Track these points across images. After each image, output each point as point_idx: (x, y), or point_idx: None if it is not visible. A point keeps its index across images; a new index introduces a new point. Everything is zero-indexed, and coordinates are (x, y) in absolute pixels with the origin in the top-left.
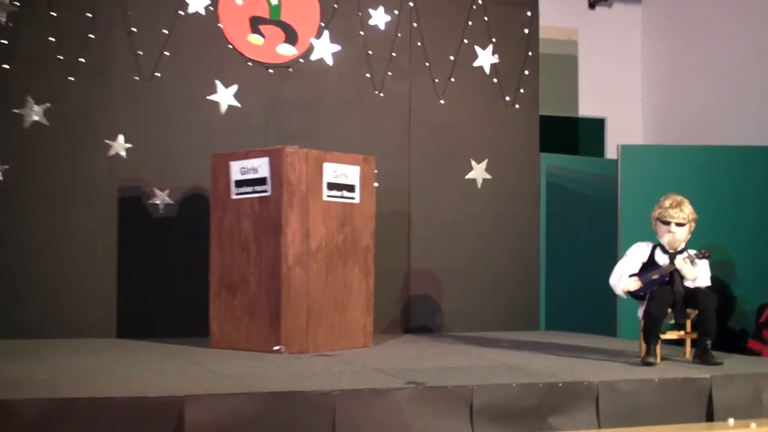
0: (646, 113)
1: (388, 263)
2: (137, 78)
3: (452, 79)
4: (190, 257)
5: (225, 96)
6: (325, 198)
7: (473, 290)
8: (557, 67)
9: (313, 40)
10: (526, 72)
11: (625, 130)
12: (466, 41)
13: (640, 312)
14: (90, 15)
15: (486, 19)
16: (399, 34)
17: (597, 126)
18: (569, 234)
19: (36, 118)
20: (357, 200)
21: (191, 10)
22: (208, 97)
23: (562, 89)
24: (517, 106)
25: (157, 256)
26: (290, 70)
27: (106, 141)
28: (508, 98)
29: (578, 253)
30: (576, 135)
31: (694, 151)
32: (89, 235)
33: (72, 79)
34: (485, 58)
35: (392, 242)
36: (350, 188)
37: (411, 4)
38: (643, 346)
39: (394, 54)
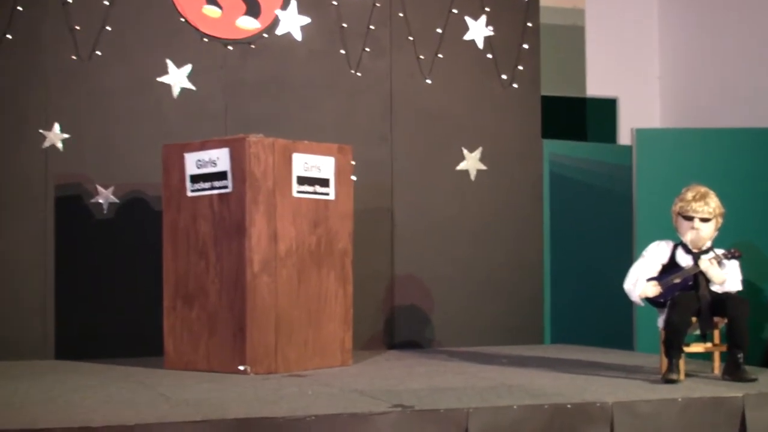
0: (664, 93)
1: (369, 269)
2: (74, 57)
3: (440, 56)
4: (140, 265)
5: (177, 77)
6: (294, 194)
7: (467, 299)
8: (561, 40)
9: (278, 12)
10: (525, 46)
11: (640, 112)
12: (455, 11)
13: (660, 321)
14: None
15: None
16: (378, 4)
17: (608, 107)
18: (577, 232)
19: None
20: (332, 196)
21: None
22: (157, 79)
23: (567, 66)
24: (515, 85)
25: (101, 264)
26: (252, 46)
27: (40, 131)
28: (504, 77)
29: (588, 254)
30: (583, 118)
31: (720, 134)
32: (20, 240)
33: None
34: (477, 30)
35: (373, 244)
36: (324, 183)
37: None
38: (665, 360)
39: (372, 27)
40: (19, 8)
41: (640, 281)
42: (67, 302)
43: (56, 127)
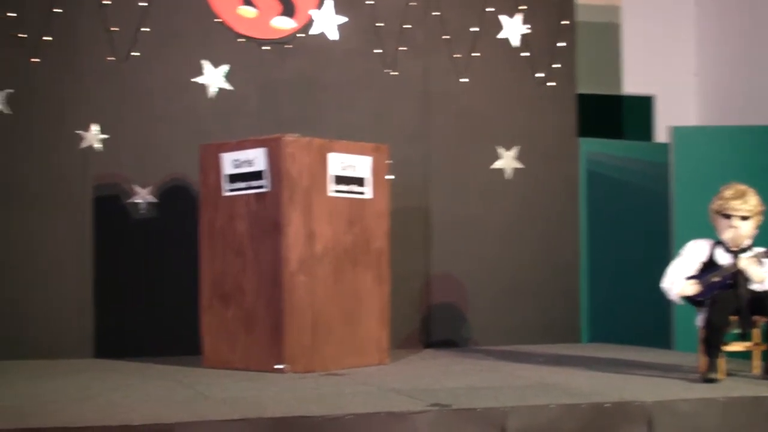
0: (702, 90)
1: (405, 267)
2: (111, 58)
3: (475, 54)
4: (177, 264)
5: (213, 78)
6: (331, 193)
7: (504, 297)
8: (597, 37)
9: (313, 12)
10: (561, 44)
11: (677, 110)
12: (490, 10)
13: (699, 320)
14: None
15: None
16: (413, 3)
17: (644, 105)
18: (614, 231)
19: None
20: (368, 195)
21: None
22: (193, 80)
23: (603, 63)
24: (550, 83)
25: (139, 263)
26: (288, 46)
27: (78, 132)
28: (540, 75)
29: (625, 253)
30: (620, 116)
31: (758, 132)
32: (60, 240)
33: (36, 60)
34: (513, 28)
35: (409, 243)
36: (360, 182)
37: None
38: (704, 359)
39: (407, 26)
40: (57, 10)
41: (679, 280)
42: (105, 301)
43: (94, 127)
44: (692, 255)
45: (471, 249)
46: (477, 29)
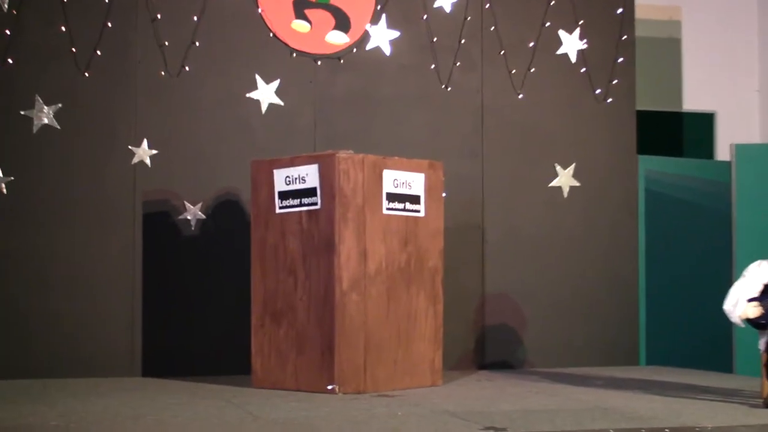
0: (765, 106)
1: (460, 287)
2: (163, 73)
3: (532, 70)
4: (228, 282)
5: (266, 93)
6: (384, 211)
7: (560, 318)
8: (657, 52)
9: (368, 27)
10: (621, 59)
11: (739, 127)
12: (548, 24)
13: (762, 344)
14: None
15: None
16: (468, 18)
17: (705, 122)
18: (674, 251)
19: (46, 120)
20: (422, 213)
21: None
22: (246, 95)
23: (663, 79)
24: (609, 100)
25: (189, 280)
26: (342, 61)
27: (129, 147)
28: (599, 91)
29: (685, 273)
30: (680, 133)
31: None
32: (109, 256)
33: (87, 75)
34: (571, 43)
35: (464, 262)
36: (414, 199)
37: None
38: (766, 384)
39: (462, 41)
40: (109, 24)
41: (741, 302)
42: (154, 319)
43: (145, 143)
44: (755, 276)
45: (527, 268)
46: (534, 44)
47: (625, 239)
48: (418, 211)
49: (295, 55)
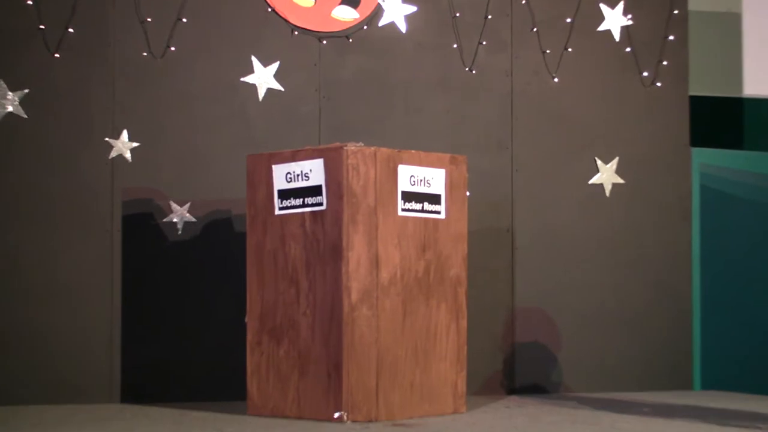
0: None
1: (486, 299)
2: (145, 54)
3: (569, 50)
4: (220, 294)
5: (263, 77)
6: (400, 212)
7: (602, 336)
8: (714, 29)
9: (380, 0)
10: (671, 37)
11: None
12: None
13: None
14: None
15: None
16: None
17: None
18: (733, 257)
19: (10, 108)
20: (443, 215)
21: None
22: (241, 79)
23: (720, 60)
24: (658, 84)
25: (175, 292)
26: (350, 40)
27: (106, 139)
28: (646, 74)
29: (746, 284)
30: (740, 122)
31: None
32: (83, 265)
33: (58, 56)
34: (614, 19)
35: (491, 271)
36: (434, 199)
37: None
38: None
39: (489, 17)
40: None
41: None
42: (135, 337)
43: (124, 134)
44: None
45: (563, 278)
46: (571, 20)
47: (677, 244)
48: (438, 213)
49: (296, 33)
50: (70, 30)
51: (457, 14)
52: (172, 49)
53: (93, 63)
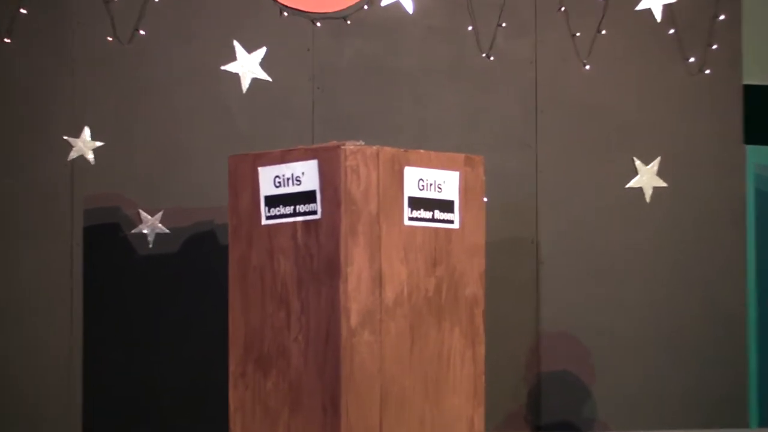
0: None
1: (507, 322)
2: (111, 39)
3: (602, 32)
4: (197, 317)
5: (248, 65)
6: (407, 222)
7: (642, 364)
8: None
9: None
10: (722, 17)
11: None
12: None
13: None
14: None
15: None
16: None
17: None
18: None
19: None
20: (457, 225)
21: None
22: (222, 68)
23: None
24: (707, 71)
25: (145, 315)
26: (348, 22)
27: (65, 137)
28: (692, 60)
29: None
30: None
31: None
32: (39, 285)
33: (8, 41)
34: None
35: (512, 289)
36: (446, 206)
37: None
38: None
39: None
40: None
41: None
42: (99, 367)
43: (86, 131)
44: None
45: (597, 298)
46: None
47: (729, 257)
48: (451, 222)
49: (286, 14)
50: (23, 11)
51: None
52: (142, 33)
53: (50, 49)
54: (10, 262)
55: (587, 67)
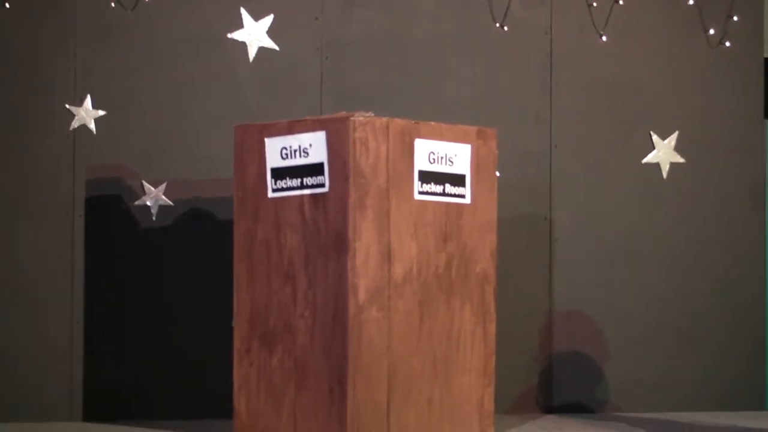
0: None
1: (519, 300)
2: (113, 5)
3: (620, 2)
4: (201, 292)
5: (255, 33)
6: (417, 196)
7: (657, 346)
8: None
9: None
10: None
11: None
12: None
13: None
14: None
15: None
16: None
17: None
18: None
19: None
20: (468, 199)
21: None
22: (228, 36)
23: None
24: (728, 44)
25: (148, 291)
26: None
27: (66, 106)
28: (712, 31)
29: None
30: None
31: None
32: (39, 260)
33: (7, 6)
34: None
35: (525, 267)
36: (457, 180)
37: None
38: None
39: None
40: None
41: None
42: (101, 344)
43: (88, 100)
44: None
45: (612, 277)
46: None
47: (749, 237)
48: (462, 196)
49: None
50: None
51: None
52: (146, 0)
53: (50, 16)
54: (12, 233)
55: (604, 38)
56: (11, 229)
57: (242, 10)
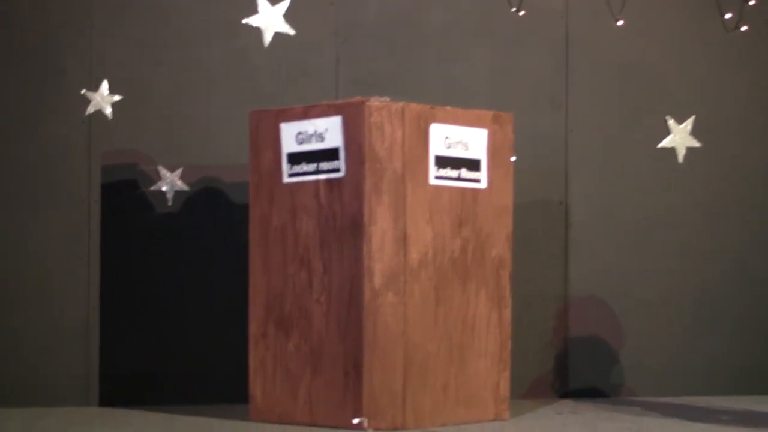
0: None
1: (534, 286)
2: None
3: None
4: (217, 276)
5: (270, 18)
6: (432, 181)
7: (672, 331)
8: None
9: None
10: None
11: None
12: None
13: None
14: None
15: None
16: None
17: None
18: None
19: None
20: (484, 184)
21: None
22: (243, 21)
23: None
24: (744, 27)
25: (164, 275)
26: None
27: (82, 92)
28: (729, 15)
29: None
30: None
31: None
32: (53, 245)
33: None
34: None
35: (540, 252)
36: (473, 165)
37: None
38: None
39: None
40: None
41: None
42: (116, 329)
43: (104, 85)
44: None
45: (627, 262)
46: None
47: (764, 223)
48: (478, 181)
49: None
50: None
51: None
52: None
53: (66, 1)
54: (29, 218)
55: (620, 22)
56: (28, 215)
57: None
